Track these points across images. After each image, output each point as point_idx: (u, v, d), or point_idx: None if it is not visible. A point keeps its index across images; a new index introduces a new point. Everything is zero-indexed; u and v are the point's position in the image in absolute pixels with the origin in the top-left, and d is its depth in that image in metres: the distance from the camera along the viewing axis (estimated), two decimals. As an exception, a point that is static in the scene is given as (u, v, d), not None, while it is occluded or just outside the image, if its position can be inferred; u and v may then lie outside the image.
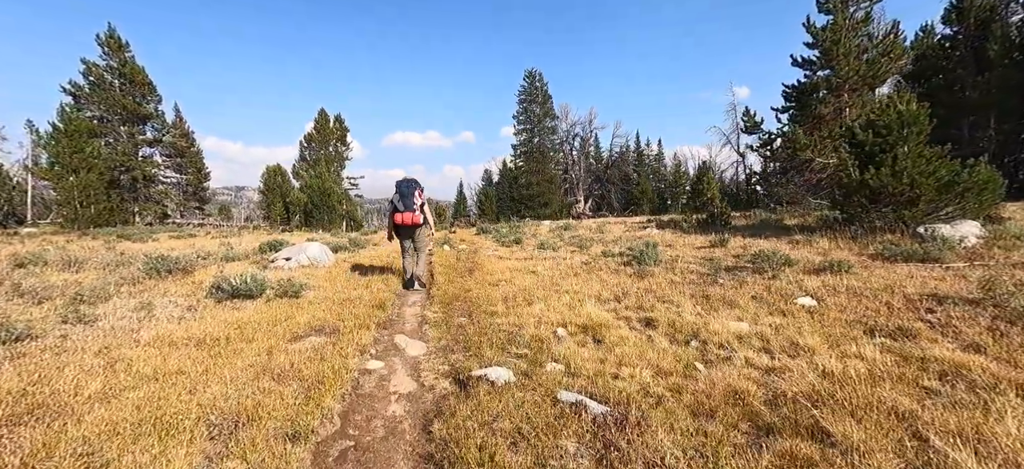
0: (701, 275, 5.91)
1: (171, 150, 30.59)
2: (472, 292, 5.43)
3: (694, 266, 6.54)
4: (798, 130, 10.28)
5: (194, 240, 14.47)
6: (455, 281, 6.16)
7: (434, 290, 5.62)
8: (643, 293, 5.11)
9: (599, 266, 7.05)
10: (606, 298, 5.04)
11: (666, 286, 5.46)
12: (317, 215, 31.61)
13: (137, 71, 26.88)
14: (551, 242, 10.16)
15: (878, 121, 7.24)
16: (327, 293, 5.06)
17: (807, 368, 2.75)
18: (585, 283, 5.82)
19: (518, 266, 7.35)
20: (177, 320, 3.83)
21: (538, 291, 5.40)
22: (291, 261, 6.60)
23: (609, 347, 3.43)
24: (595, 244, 9.61)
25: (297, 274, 6.03)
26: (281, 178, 41.40)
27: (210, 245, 11.22)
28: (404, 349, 3.55)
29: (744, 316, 4.08)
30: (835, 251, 6.81)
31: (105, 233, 19.10)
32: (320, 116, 38.99)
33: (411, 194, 5.50)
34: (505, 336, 3.72)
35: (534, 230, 13.95)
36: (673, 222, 12.22)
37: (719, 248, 7.93)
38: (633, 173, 45.00)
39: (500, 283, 5.94)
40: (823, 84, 10.13)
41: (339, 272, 6.50)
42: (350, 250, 9.70)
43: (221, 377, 2.63)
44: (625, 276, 6.14)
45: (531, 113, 40.79)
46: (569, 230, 13.04)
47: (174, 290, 4.97)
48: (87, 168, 23.55)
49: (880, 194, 7.12)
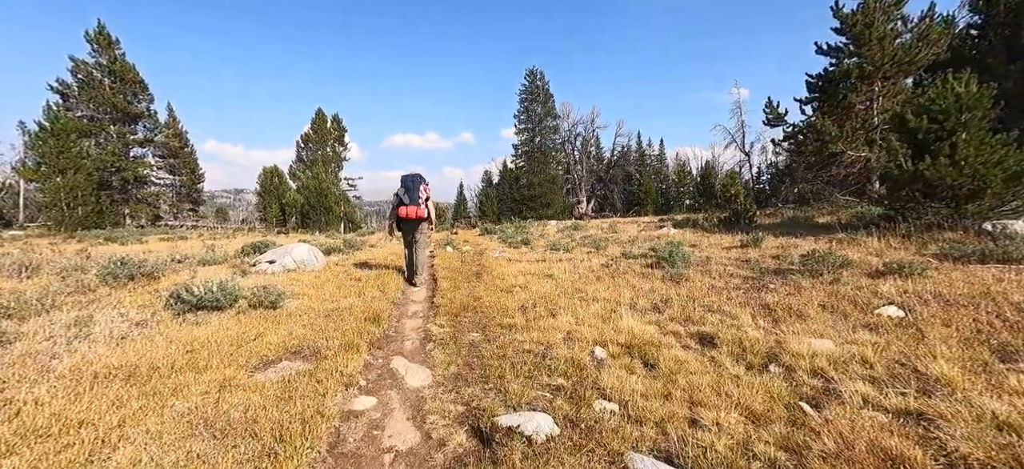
0: (745, 279, 5.13)
1: (164, 150, 29.75)
2: (483, 300, 4.64)
3: (732, 269, 5.77)
4: (827, 121, 9.53)
5: (180, 243, 13.68)
6: (462, 287, 5.37)
7: (438, 298, 4.84)
8: (685, 301, 4.33)
9: (622, 269, 6.28)
10: (643, 307, 4.26)
11: (708, 292, 4.69)
12: (314, 217, 30.81)
13: (128, 69, 26.06)
14: (562, 243, 9.38)
15: (932, 105, 6.48)
16: (312, 303, 4.27)
17: (965, 413, 1.97)
18: (612, 288, 5.04)
19: (531, 269, 6.57)
20: (117, 341, 3.05)
21: (560, 298, 4.62)
22: (275, 265, 5.81)
23: (667, 375, 2.66)
24: (611, 244, 8.83)
25: (280, 280, 5.25)
26: (278, 180, 40.63)
27: (194, 247, 10.43)
28: (403, 378, 2.76)
29: (823, 331, 3.30)
30: (889, 251, 6.03)
31: (91, 236, 18.30)
32: (317, 116, 38.20)
33: (416, 188, 5.42)
34: (531, 359, 2.94)
35: (541, 230, 13.17)
36: (691, 221, 11.46)
37: (753, 248, 7.15)
38: (636, 173, 44.27)
39: (514, 289, 5.15)
40: (855, 71, 9.38)
41: (329, 277, 5.72)
42: (344, 252, 8.90)
43: (142, 431, 1.85)
44: (657, 280, 5.36)
45: (532, 112, 40.06)
46: (579, 230, 12.26)
47: (129, 300, 4.18)
48: (75, 169, 22.73)
49: (936, 187, 6.36)
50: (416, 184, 5.44)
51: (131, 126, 27.13)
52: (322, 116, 38.26)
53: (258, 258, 6.25)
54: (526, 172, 39.65)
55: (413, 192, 5.40)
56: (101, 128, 25.73)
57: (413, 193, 5.40)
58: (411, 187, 5.42)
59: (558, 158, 41.82)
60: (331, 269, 6.43)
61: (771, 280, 4.94)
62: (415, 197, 5.39)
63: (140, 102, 27.51)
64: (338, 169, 38.73)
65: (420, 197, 5.41)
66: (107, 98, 25.22)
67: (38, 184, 23.17)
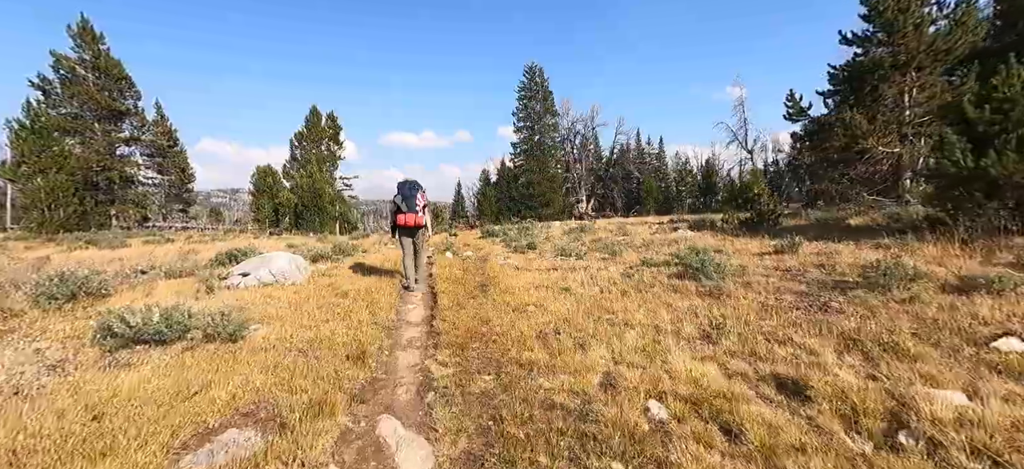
0: (799, 296, 4.38)
1: (152, 149, 28.75)
2: (493, 324, 3.88)
3: (776, 281, 5.02)
4: (857, 115, 8.80)
5: (162, 247, 12.84)
6: (466, 305, 4.60)
7: (439, 321, 4.06)
8: (738, 325, 3.58)
9: (647, 280, 5.52)
10: (690, 335, 3.49)
11: (761, 312, 3.94)
12: (307, 217, 29.92)
13: (113, 64, 25.07)
14: (572, 247, 8.62)
15: (995, 94, 5.75)
16: (284, 331, 3.49)
17: None
18: (643, 307, 4.28)
19: (543, 280, 5.80)
20: (10, 394, 2.26)
21: (585, 321, 3.85)
22: (249, 278, 5.02)
23: (762, 451, 1.90)
24: (625, 249, 8.07)
25: (251, 298, 4.46)
26: (272, 179, 39.71)
27: (171, 253, 9.60)
28: (393, 455, 1.99)
29: (939, 376, 2.55)
30: (950, 259, 5.30)
31: (72, 239, 17.42)
32: (311, 113, 37.24)
33: (414, 196, 5.47)
34: (568, 424, 2.18)
35: (546, 233, 12.39)
36: (708, 223, 10.72)
37: (789, 255, 6.41)
38: (636, 172, 43.56)
39: (528, 308, 4.38)
40: (888, 60, 8.65)
41: (310, 293, 4.93)
42: (333, 259, 8.10)
43: None
44: (694, 297, 4.60)
45: (531, 110, 39.20)
46: (586, 233, 11.49)
47: (58, 329, 3.39)
48: (57, 168, 21.79)
49: (1001, 186, 5.64)
50: (413, 192, 5.49)
51: (117, 124, 26.15)
52: (316, 114, 37.32)
53: (231, 270, 5.45)
54: (525, 171, 38.84)
55: (410, 200, 5.44)
56: (85, 126, 24.75)
57: (411, 201, 5.44)
58: (408, 195, 5.46)
59: (557, 156, 40.97)
60: (315, 282, 5.63)
61: (830, 297, 4.20)
62: (413, 205, 5.44)
63: (126, 99, 26.53)
64: (333, 168, 37.79)
65: (417, 205, 5.47)
66: (91, 95, 24.24)
67: (18, 184, 22.22)
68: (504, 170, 40.78)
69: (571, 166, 42.23)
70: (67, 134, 24.17)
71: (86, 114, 24.84)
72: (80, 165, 23.34)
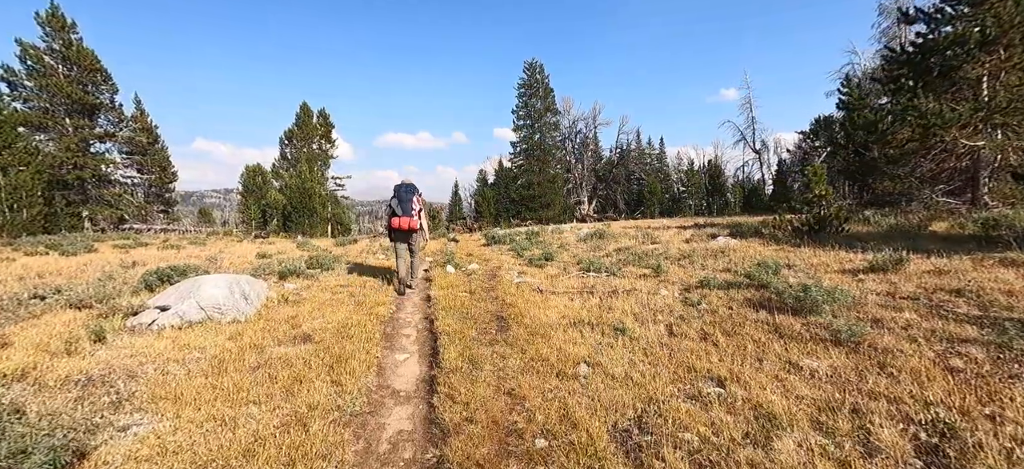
0: (968, 342, 2.92)
1: (130, 147, 27.01)
2: (529, 403, 2.39)
3: (918, 318, 3.55)
4: (937, 102, 7.39)
5: (126, 252, 11.23)
6: (482, 361, 3.09)
7: (445, 397, 2.56)
8: (991, 439, 2.11)
9: (721, 311, 4.05)
10: (882, 445, 2.02)
11: (943, 379, 2.48)
12: (296, 219, 28.24)
13: (85, 54, 23.31)
14: (597, 259, 7.14)
15: None
16: (175, 439, 1.97)
17: None
18: (747, 362, 2.81)
19: (579, 310, 4.32)
20: None
21: (677, 398, 2.38)
22: (169, 313, 3.48)
23: None
24: (668, 263, 6.58)
25: (158, 351, 2.94)
26: (261, 179, 38.01)
27: (110, 266, 8.02)
28: None
29: None
30: None
31: (33, 243, 15.76)
32: (302, 110, 35.59)
33: (409, 199, 5.41)
34: None
35: (558, 239, 10.90)
36: (748, 228, 9.28)
37: (895, 274, 4.95)
38: (640, 173, 42.16)
39: (577, 367, 2.89)
40: (976, 37, 7.25)
41: (255, 339, 3.40)
42: (306, 276, 6.57)
43: None
44: (809, 342, 3.12)
45: (531, 108, 37.71)
46: (606, 239, 10.00)
47: None
48: (21, 165, 20.07)
49: None
50: (409, 195, 5.42)
51: (90, 119, 24.39)
52: (307, 110, 35.69)
53: (152, 300, 3.88)
54: (525, 171, 37.34)
55: (406, 203, 5.37)
56: (55, 121, 23.00)
57: (406, 204, 5.37)
58: (404, 198, 5.39)
59: (558, 156, 39.48)
60: (269, 316, 4.10)
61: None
62: (408, 208, 5.37)
63: (101, 93, 24.80)
64: (325, 167, 36.14)
65: (413, 208, 5.40)
66: (61, 87, 22.50)
67: (-22, 183, 20.46)
68: (502, 171, 39.28)
69: (572, 166, 40.77)
70: (36, 129, 22.46)
71: (56, 108, 23.10)
72: (49, 162, 21.62)
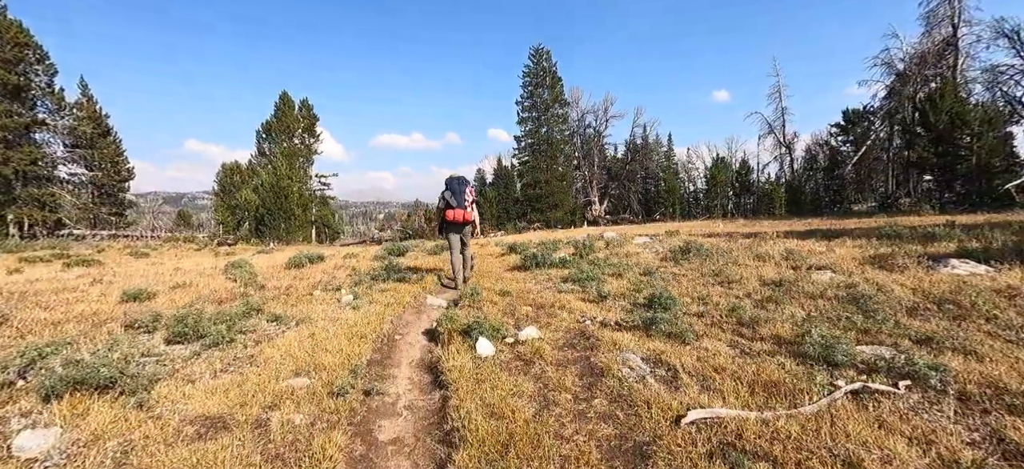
0: None
1: (73, 139, 23.15)
2: None
3: None
4: None
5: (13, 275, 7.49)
6: None
7: None
8: None
9: None
10: None
11: None
12: (271, 222, 24.47)
13: (10, 26, 19.52)
14: (712, 297, 3.60)
15: None
16: None
17: None
18: None
19: None
20: None
21: None
22: None
23: None
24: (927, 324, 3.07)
25: None
26: (239, 177, 34.14)
27: None
28: None
29: None
30: None
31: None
32: (282, 100, 31.76)
33: (462, 191, 5.49)
34: None
35: (622, 253, 7.34)
36: (886, 232, 5.83)
37: None
38: (656, 170, 38.64)
39: None
40: None
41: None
42: (222, 345, 2.90)
43: None
44: None
45: (537, 99, 34.13)
46: (700, 256, 6.44)
47: None
48: (-82, 158, 16.24)
49: None
50: (462, 187, 5.49)
51: (19, 104, 20.52)
52: (288, 101, 31.85)
53: None
54: (531, 168, 33.78)
55: (459, 195, 5.44)
56: (-28, 105, 19.17)
57: (459, 196, 5.44)
58: (458, 190, 5.46)
59: (566, 152, 35.90)
60: None
61: None
62: (461, 200, 5.44)
63: (35, 74, 20.98)
64: (307, 163, 32.31)
65: (466, 200, 5.45)
66: (-22, 65, 18.69)
67: None
68: (502, 169, 35.71)
69: (581, 163, 37.26)
70: (-52, 116, 18.63)
71: (-26, 90, 19.27)
72: (-40, 155, 17.82)
